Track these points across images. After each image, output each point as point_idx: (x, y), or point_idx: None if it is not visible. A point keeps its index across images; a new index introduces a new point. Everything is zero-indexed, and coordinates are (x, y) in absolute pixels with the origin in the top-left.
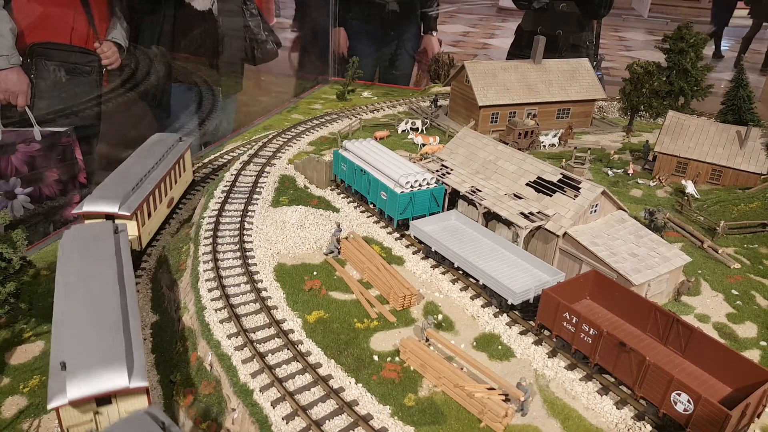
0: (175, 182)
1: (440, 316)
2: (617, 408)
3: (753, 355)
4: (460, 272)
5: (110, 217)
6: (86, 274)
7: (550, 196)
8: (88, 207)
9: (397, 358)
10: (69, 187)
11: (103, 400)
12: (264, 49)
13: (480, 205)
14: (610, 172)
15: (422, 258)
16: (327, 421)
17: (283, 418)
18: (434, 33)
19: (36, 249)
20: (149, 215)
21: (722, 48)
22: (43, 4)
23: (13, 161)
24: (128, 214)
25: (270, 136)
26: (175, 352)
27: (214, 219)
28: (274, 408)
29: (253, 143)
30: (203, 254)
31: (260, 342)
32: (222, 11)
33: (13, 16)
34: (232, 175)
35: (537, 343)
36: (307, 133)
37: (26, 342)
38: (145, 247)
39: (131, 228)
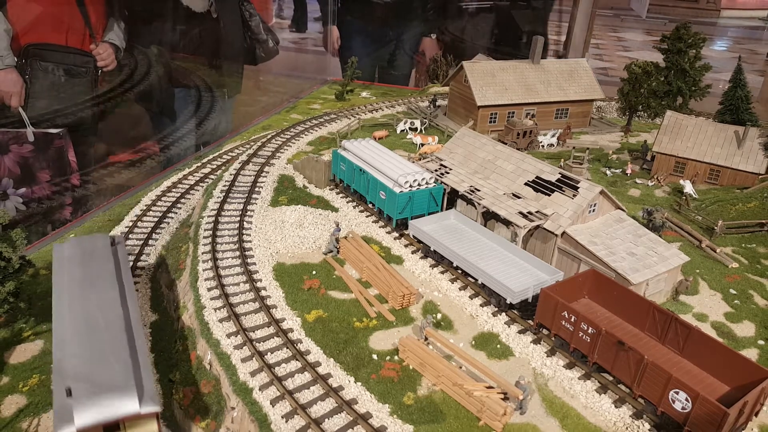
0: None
1: (439, 315)
2: (616, 406)
3: (751, 353)
4: (459, 271)
5: (115, 426)
6: None
7: (549, 195)
8: (84, 418)
9: (396, 357)
10: (61, 189)
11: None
12: (266, 47)
13: (479, 204)
14: (608, 172)
15: (421, 257)
16: (326, 420)
17: (282, 417)
18: (433, 35)
19: (35, 249)
20: None
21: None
22: (38, 5)
23: (5, 162)
24: (157, 409)
25: (269, 136)
26: (175, 351)
27: (213, 218)
28: (273, 406)
29: (252, 143)
30: (202, 253)
31: (259, 341)
32: (221, 13)
33: (7, 16)
34: (231, 174)
35: (536, 341)
36: (306, 132)
37: (25, 341)
38: None
39: (151, 427)
